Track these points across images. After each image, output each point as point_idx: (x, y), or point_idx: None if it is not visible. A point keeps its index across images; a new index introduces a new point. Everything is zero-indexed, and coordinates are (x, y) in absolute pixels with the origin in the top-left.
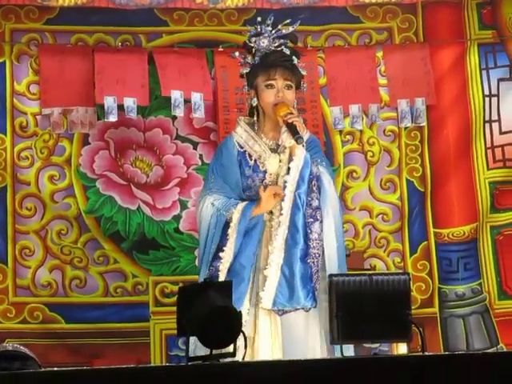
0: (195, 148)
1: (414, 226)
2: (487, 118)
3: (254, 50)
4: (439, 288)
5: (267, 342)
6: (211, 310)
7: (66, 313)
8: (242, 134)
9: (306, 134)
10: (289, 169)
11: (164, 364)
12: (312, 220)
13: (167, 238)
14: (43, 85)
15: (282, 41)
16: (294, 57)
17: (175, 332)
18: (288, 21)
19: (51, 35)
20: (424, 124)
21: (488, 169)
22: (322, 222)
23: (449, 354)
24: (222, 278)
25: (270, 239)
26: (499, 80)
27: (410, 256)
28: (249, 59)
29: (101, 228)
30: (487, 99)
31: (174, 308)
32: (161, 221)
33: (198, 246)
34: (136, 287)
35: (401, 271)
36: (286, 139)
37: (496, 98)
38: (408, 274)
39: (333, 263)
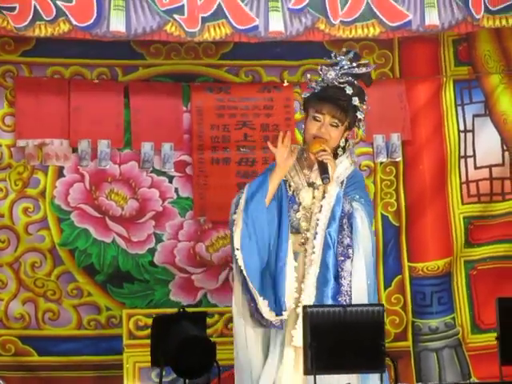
0: (171, 181)
1: (389, 260)
2: (462, 154)
3: (320, 78)
4: (413, 322)
5: (291, 378)
6: (185, 340)
7: (38, 345)
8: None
9: (349, 168)
10: (321, 206)
11: None
12: (343, 258)
13: (142, 271)
14: (18, 117)
15: (349, 78)
16: (356, 97)
17: (149, 364)
18: (366, 61)
19: (27, 67)
20: (399, 159)
21: (463, 203)
22: (352, 260)
23: None
24: (236, 239)
25: (303, 277)
26: (474, 116)
27: (385, 290)
28: (313, 85)
29: (75, 261)
30: (462, 135)
31: (148, 341)
32: (136, 254)
33: (171, 279)
34: (110, 320)
35: (375, 303)
36: (316, 177)
37: (471, 134)
38: (382, 305)
39: (361, 298)
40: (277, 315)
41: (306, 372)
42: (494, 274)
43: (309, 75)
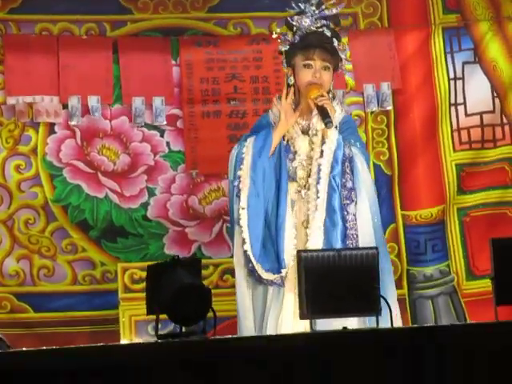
0: (162, 135)
1: (382, 209)
2: (453, 101)
3: (295, 28)
4: (408, 270)
5: (290, 318)
6: (180, 288)
7: (34, 302)
8: (276, 113)
9: (341, 114)
10: (322, 151)
11: (133, 341)
12: (348, 201)
13: (135, 226)
14: (8, 74)
15: (324, 22)
16: (334, 39)
17: (145, 318)
18: (333, 1)
19: (15, 24)
20: (390, 108)
21: (454, 151)
22: (356, 202)
23: (417, 327)
24: (243, 197)
25: (307, 223)
26: (464, 63)
27: None
28: (289, 37)
29: (68, 217)
30: (452, 82)
31: (143, 294)
32: (129, 208)
33: (165, 233)
34: (105, 275)
35: (369, 246)
36: (317, 122)
37: (461, 81)
38: (376, 248)
39: (368, 241)
40: (275, 273)
41: (302, 316)
42: (487, 221)
43: (278, 30)
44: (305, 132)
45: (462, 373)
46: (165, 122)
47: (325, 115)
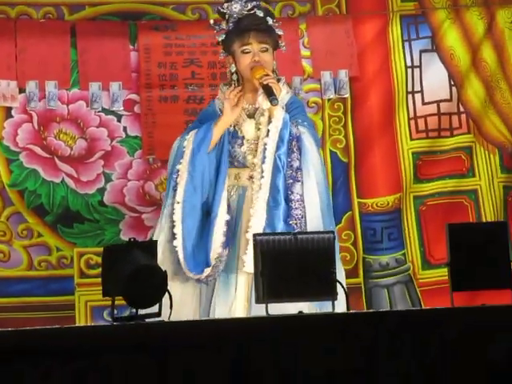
0: (119, 120)
1: (339, 197)
2: (410, 89)
3: (227, 15)
4: (364, 258)
5: (242, 304)
6: (136, 269)
7: None
8: (223, 100)
9: (287, 95)
10: (268, 131)
11: (89, 324)
12: (292, 181)
13: (91, 211)
14: None
15: (254, 3)
16: (268, 18)
17: (101, 303)
18: None
19: None
20: (347, 95)
21: (411, 139)
22: (302, 182)
23: (373, 312)
24: (179, 192)
25: (252, 202)
26: (421, 51)
27: (335, 226)
28: (223, 26)
29: (24, 201)
30: (410, 70)
31: (99, 279)
32: (85, 194)
33: (121, 219)
34: (61, 261)
35: (325, 230)
36: (263, 101)
37: (418, 69)
38: (333, 232)
39: (315, 224)
40: (199, 273)
41: (258, 300)
42: (443, 209)
43: (211, 21)
44: (251, 116)
45: (417, 358)
46: (122, 108)
47: (270, 93)
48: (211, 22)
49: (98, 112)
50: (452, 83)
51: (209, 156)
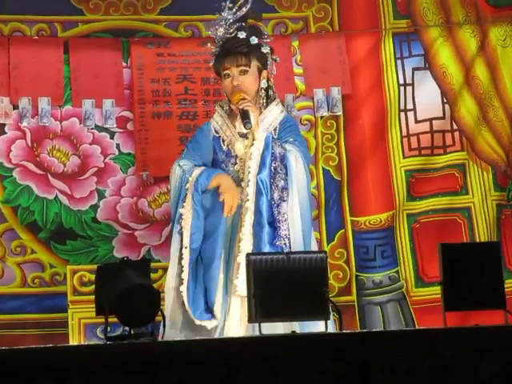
0: (112, 137)
1: (331, 215)
2: (402, 107)
3: (215, 40)
4: (357, 276)
5: (236, 328)
6: (129, 288)
7: None
8: (218, 119)
9: (281, 114)
10: (251, 153)
11: (82, 343)
12: (279, 202)
13: (85, 228)
14: None
15: (236, 25)
16: (253, 37)
17: (94, 321)
18: (241, 1)
19: None
20: (340, 113)
21: (404, 157)
22: (288, 202)
23: (367, 332)
24: (185, 237)
25: (241, 226)
26: (414, 69)
27: (328, 244)
28: (213, 50)
29: (18, 218)
30: (402, 88)
31: (93, 297)
32: (78, 210)
33: (115, 236)
34: (54, 277)
35: (318, 250)
36: (240, 125)
37: (411, 87)
38: (325, 252)
39: (298, 243)
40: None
41: (250, 320)
42: (436, 227)
43: (209, 44)
44: (242, 135)
45: (409, 377)
46: (115, 125)
47: (244, 117)
48: (208, 45)
49: (91, 129)
50: (445, 101)
51: (203, 196)
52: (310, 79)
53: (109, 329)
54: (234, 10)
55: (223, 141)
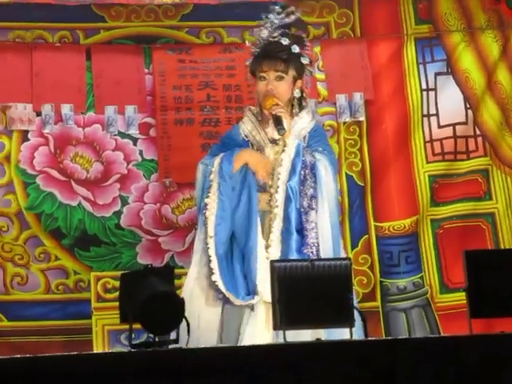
0: (135, 144)
1: (355, 220)
2: (425, 112)
3: (256, 40)
4: (381, 282)
5: (261, 334)
6: (153, 295)
7: (7, 310)
8: (247, 124)
9: (311, 123)
10: (281, 160)
11: (107, 351)
12: (307, 210)
13: (108, 235)
14: None
15: (281, 31)
16: (294, 45)
17: (118, 327)
18: (292, 8)
19: None
20: (362, 118)
21: (427, 162)
22: (317, 210)
23: (392, 339)
24: (210, 226)
25: (270, 232)
26: (436, 74)
27: (352, 250)
28: (253, 49)
29: (41, 224)
30: (425, 93)
31: (117, 303)
32: (102, 217)
33: (138, 242)
34: (78, 284)
35: (342, 257)
36: (273, 131)
37: (434, 92)
38: (349, 259)
39: (327, 252)
40: (247, 300)
41: (275, 327)
42: (460, 233)
43: (247, 43)
44: (273, 141)
45: None
46: (137, 131)
47: (278, 123)
48: (247, 43)
49: (114, 135)
50: (467, 106)
51: (232, 181)
52: (332, 85)
53: (133, 335)
54: (283, 15)
55: (252, 145)
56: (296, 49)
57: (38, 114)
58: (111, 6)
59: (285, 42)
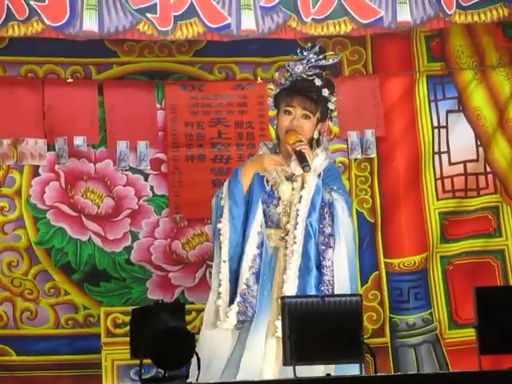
0: (146, 179)
1: (365, 257)
2: (436, 150)
3: (288, 73)
4: (390, 318)
5: (271, 369)
6: (164, 331)
7: (16, 345)
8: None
9: (325, 162)
10: (300, 197)
11: None
12: (325, 247)
13: (118, 270)
14: None
15: (317, 71)
16: (325, 89)
17: (127, 362)
18: (332, 52)
19: (1, 66)
20: (373, 155)
21: (437, 199)
22: (334, 249)
23: (401, 375)
24: (224, 251)
25: (285, 268)
26: (448, 112)
27: (362, 286)
28: (282, 81)
29: (51, 259)
30: (436, 131)
31: (126, 339)
32: (112, 252)
33: (148, 277)
34: (87, 319)
35: (353, 293)
36: (295, 167)
37: (445, 130)
38: (360, 295)
39: (343, 289)
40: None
41: (285, 363)
42: (470, 269)
43: (277, 73)
44: (289, 178)
45: None
46: (149, 167)
47: (302, 160)
48: (276, 74)
49: (125, 171)
50: (478, 143)
51: (244, 204)
52: (344, 122)
53: (143, 370)
54: (321, 56)
55: (267, 181)
56: (326, 92)
57: (49, 149)
58: (124, 41)
59: (318, 82)
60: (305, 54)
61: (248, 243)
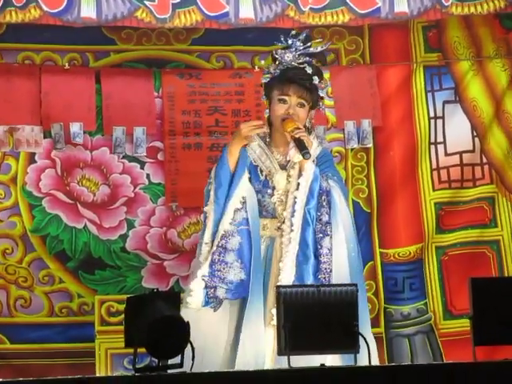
0: (142, 167)
1: (360, 247)
2: (432, 140)
3: (277, 61)
4: (385, 308)
5: (269, 358)
6: (159, 320)
7: (10, 333)
8: (255, 148)
9: (318, 149)
10: (298, 184)
11: (110, 374)
12: (322, 235)
13: (113, 258)
14: None
15: (306, 58)
16: (315, 76)
17: (121, 351)
18: (320, 40)
19: None
20: (370, 145)
21: (433, 190)
22: (331, 237)
23: (395, 365)
24: (207, 233)
25: (281, 256)
26: (444, 102)
27: None
28: (271, 69)
29: (46, 247)
30: (432, 121)
31: (120, 327)
32: (107, 240)
33: (143, 266)
34: (81, 307)
35: (348, 283)
36: (294, 155)
37: (441, 120)
38: (355, 285)
39: (342, 278)
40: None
41: (280, 352)
42: (465, 260)
43: (262, 61)
44: (283, 167)
45: None
46: (145, 153)
47: (302, 147)
48: (262, 62)
49: (122, 158)
50: (475, 134)
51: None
52: (341, 111)
53: (137, 359)
54: (309, 44)
55: (261, 171)
56: (316, 80)
57: (46, 136)
58: (122, 28)
59: (309, 70)
60: (289, 41)
61: (222, 219)
